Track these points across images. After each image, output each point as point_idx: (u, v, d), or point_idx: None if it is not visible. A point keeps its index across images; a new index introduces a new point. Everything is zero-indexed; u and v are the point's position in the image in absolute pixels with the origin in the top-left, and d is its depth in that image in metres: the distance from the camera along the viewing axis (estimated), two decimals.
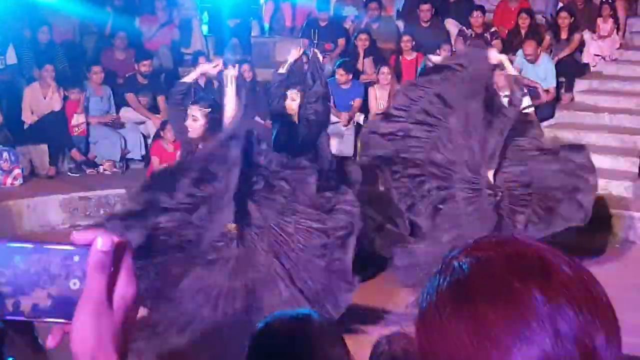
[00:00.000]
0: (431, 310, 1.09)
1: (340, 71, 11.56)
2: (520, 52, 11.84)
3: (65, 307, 1.10)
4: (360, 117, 11.67)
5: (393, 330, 2.35)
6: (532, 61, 11.68)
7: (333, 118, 11.42)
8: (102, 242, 1.10)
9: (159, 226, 6.29)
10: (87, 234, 1.12)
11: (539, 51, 11.78)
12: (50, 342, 1.13)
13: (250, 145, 6.28)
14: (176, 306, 6.28)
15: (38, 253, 1.11)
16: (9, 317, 1.11)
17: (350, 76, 11.65)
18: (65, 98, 11.00)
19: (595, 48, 12.51)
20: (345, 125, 11.44)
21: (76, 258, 1.11)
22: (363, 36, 12.59)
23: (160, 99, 11.65)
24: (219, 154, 6.25)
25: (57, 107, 10.92)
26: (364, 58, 12.55)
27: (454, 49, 12.36)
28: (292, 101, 8.21)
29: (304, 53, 12.06)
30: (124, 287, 1.12)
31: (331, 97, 11.62)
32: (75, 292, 1.10)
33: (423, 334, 1.09)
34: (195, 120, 6.69)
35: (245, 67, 11.59)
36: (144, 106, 11.59)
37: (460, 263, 1.10)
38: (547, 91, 11.65)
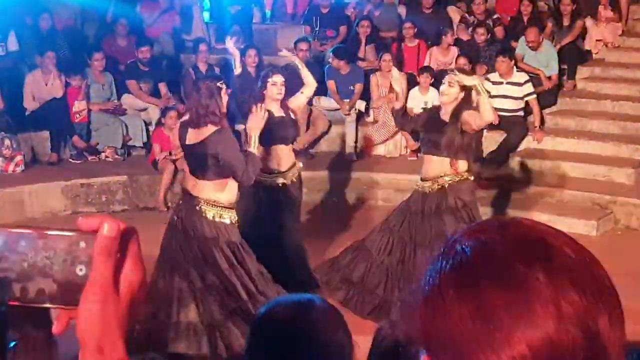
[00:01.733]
0: (434, 293, 1.09)
1: (332, 57, 11.56)
2: (522, 39, 11.82)
3: (71, 293, 1.10)
4: (361, 105, 11.66)
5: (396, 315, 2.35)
6: (534, 48, 11.66)
7: (334, 105, 11.43)
8: (108, 228, 1.10)
9: None
10: (93, 220, 1.11)
11: (541, 38, 11.76)
12: (56, 328, 1.13)
13: None
14: None
15: (44, 239, 1.11)
16: (15, 303, 1.11)
17: (342, 62, 11.62)
18: (66, 85, 10.99)
19: (597, 34, 12.48)
20: (347, 114, 11.42)
21: (82, 244, 1.11)
22: (365, 23, 12.56)
23: (162, 86, 11.63)
24: None
25: (58, 93, 10.91)
26: (365, 45, 12.52)
27: (455, 36, 12.35)
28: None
29: (306, 39, 12.08)
30: (130, 273, 1.12)
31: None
32: (81, 278, 1.10)
33: (426, 317, 1.09)
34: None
35: (251, 52, 11.57)
36: (145, 93, 11.57)
37: (463, 246, 1.10)
38: (549, 78, 11.63)
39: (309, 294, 2.40)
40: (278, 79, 7.20)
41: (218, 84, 6.30)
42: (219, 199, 6.32)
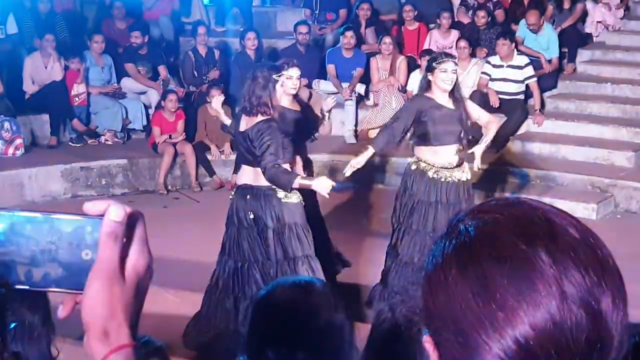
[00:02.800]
0: (437, 272, 1.09)
1: (349, 34, 11.51)
2: (522, 21, 11.79)
3: (76, 277, 1.10)
4: (361, 88, 11.64)
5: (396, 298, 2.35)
6: (535, 31, 11.63)
7: (334, 88, 11.40)
8: (115, 212, 1.10)
9: None
10: (100, 205, 1.11)
11: (541, 21, 11.72)
12: (61, 312, 1.13)
13: None
14: None
15: (49, 223, 1.11)
16: (20, 287, 1.11)
17: (355, 41, 11.62)
18: (66, 68, 10.97)
19: (599, 15, 12.44)
20: (347, 98, 11.40)
21: (88, 228, 1.10)
22: (365, 6, 12.53)
23: (161, 69, 11.61)
24: None
25: (57, 76, 10.89)
26: (365, 28, 12.50)
27: (456, 19, 12.31)
28: None
29: (306, 23, 12.06)
30: (136, 258, 1.11)
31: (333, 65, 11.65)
32: (87, 262, 1.10)
33: (429, 296, 1.09)
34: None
35: (251, 35, 11.55)
36: (143, 76, 11.54)
37: (467, 226, 1.10)
38: (549, 61, 11.61)
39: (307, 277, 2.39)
40: (294, 72, 6.71)
41: (275, 76, 6.26)
42: None
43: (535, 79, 11.12)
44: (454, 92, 6.67)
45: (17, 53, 11.38)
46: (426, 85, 6.70)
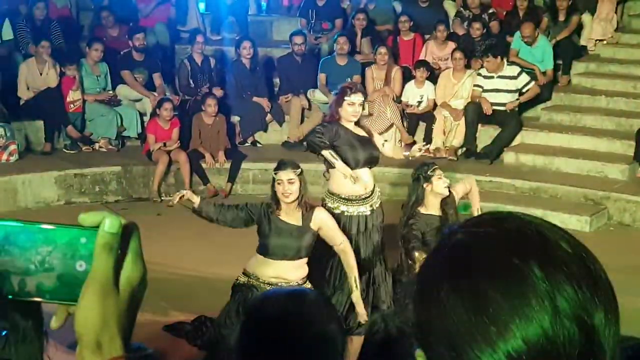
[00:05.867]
0: (430, 286, 1.09)
1: (342, 40, 11.52)
2: (517, 33, 11.82)
3: (70, 288, 1.10)
4: None
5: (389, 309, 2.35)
6: (530, 43, 11.66)
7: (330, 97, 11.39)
8: (109, 223, 1.09)
9: None
10: (95, 216, 1.11)
11: (536, 33, 11.76)
12: (54, 323, 1.13)
13: None
14: None
15: (44, 233, 1.10)
16: (14, 297, 1.10)
17: (349, 47, 11.64)
18: (61, 74, 10.96)
19: (598, 33, 12.46)
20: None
21: (83, 239, 1.10)
22: (360, 16, 12.55)
23: (156, 77, 11.61)
24: None
25: (53, 83, 10.88)
26: (361, 38, 12.51)
27: (451, 30, 12.34)
28: None
29: (301, 33, 12.07)
30: (130, 270, 1.11)
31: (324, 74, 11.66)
32: (81, 273, 1.10)
33: (422, 310, 1.09)
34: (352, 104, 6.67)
35: (246, 44, 11.56)
36: (140, 83, 11.54)
37: (460, 239, 1.10)
38: (544, 73, 11.64)
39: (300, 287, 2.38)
40: (357, 98, 6.67)
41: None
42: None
43: (533, 83, 11.15)
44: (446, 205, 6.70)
45: (12, 59, 11.37)
46: (422, 196, 6.66)
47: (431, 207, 6.64)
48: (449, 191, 6.68)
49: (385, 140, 7.84)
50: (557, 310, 1.02)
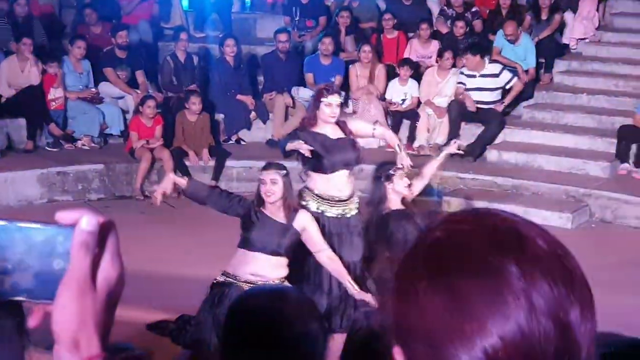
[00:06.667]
0: (407, 282, 1.09)
1: (327, 40, 11.53)
2: (500, 31, 11.86)
3: (47, 286, 1.09)
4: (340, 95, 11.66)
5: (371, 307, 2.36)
6: (513, 41, 11.70)
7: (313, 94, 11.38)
8: (87, 221, 1.09)
9: None
10: (72, 214, 1.10)
11: (519, 31, 11.80)
12: (31, 322, 1.12)
13: None
14: None
15: (21, 231, 1.09)
16: None
17: (333, 48, 11.64)
18: (43, 72, 10.91)
19: (579, 32, 12.51)
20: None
21: (60, 238, 1.09)
22: (345, 13, 12.56)
23: (139, 74, 11.58)
24: None
25: (35, 81, 10.83)
26: (345, 36, 12.52)
27: (435, 29, 12.37)
28: None
29: (286, 30, 12.06)
30: (108, 268, 1.10)
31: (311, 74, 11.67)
32: (58, 272, 1.09)
33: (397, 307, 1.10)
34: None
35: (230, 41, 11.55)
36: (122, 81, 11.51)
37: (436, 235, 1.11)
38: (526, 72, 11.68)
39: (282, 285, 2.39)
40: (334, 99, 6.60)
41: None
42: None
43: (516, 79, 11.19)
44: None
45: None
46: (385, 195, 6.65)
47: (394, 204, 6.72)
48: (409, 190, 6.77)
49: (376, 122, 7.80)
50: (533, 307, 1.03)
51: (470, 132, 11.08)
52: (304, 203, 6.52)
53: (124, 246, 1.15)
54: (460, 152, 7.94)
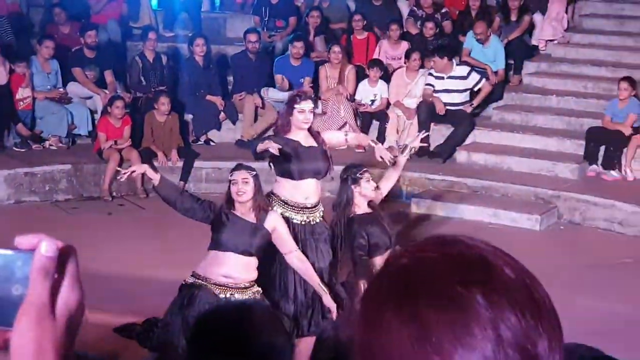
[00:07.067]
0: (373, 309, 1.07)
1: (298, 44, 11.51)
2: (470, 33, 11.89)
3: (6, 312, 1.07)
4: None
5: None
6: (482, 41, 11.73)
7: (283, 95, 11.35)
8: (46, 247, 1.07)
9: None
10: (31, 239, 1.09)
11: (488, 32, 11.84)
12: None
13: None
14: None
15: None
16: None
17: (304, 51, 11.63)
18: (10, 71, 10.80)
19: (548, 33, 12.58)
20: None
21: (19, 263, 1.08)
22: (315, 13, 12.54)
23: (107, 74, 11.49)
24: None
25: (2, 80, 10.71)
26: (314, 36, 12.50)
27: (404, 30, 12.38)
28: None
29: (255, 31, 12.02)
30: (68, 294, 1.09)
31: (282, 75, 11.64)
32: (17, 297, 1.07)
33: (364, 333, 1.08)
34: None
35: (199, 41, 11.50)
36: (91, 81, 11.42)
37: (403, 263, 1.09)
38: (495, 73, 11.72)
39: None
40: (307, 105, 6.55)
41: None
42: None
43: (484, 80, 11.22)
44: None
45: None
46: (351, 197, 6.63)
47: (361, 207, 6.73)
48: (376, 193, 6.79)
49: (345, 124, 7.76)
50: (500, 340, 1.01)
51: (440, 133, 11.10)
52: (270, 208, 6.50)
53: (91, 247, 1.13)
54: (425, 144, 7.94)
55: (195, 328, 2.30)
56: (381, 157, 6.94)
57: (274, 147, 6.31)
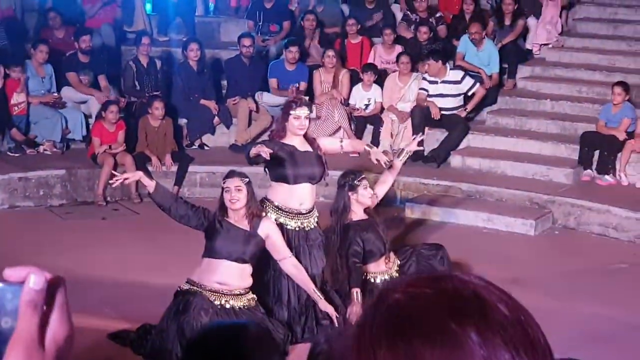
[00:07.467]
0: (366, 345, 1.07)
1: (293, 49, 11.51)
2: (464, 37, 11.89)
3: None
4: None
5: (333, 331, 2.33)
6: (476, 42, 11.73)
7: (277, 101, 11.35)
8: (34, 279, 1.07)
9: None
10: (20, 271, 1.08)
11: (483, 33, 11.84)
12: None
13: None
14: None
15: None
16: None
17: (300, 56, 11.64)
18: (5, 76, 10.78)
19: (542, 37, 12.59)
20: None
21: (8, 295, 1.07)
22: (310, 17, 12.55)
23: (101, 79, 11.48)
24: None
25: None
26: (311, 40, 12.50)
27: (397, 34, 12.38)
28: None
29: (250, 35, 12.02)
30: (57, 326, 1.09)
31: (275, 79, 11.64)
32: (6, 330, 1.06)
33: None
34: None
35: (193, 45, 11.49)
36: (85, 85, 11.40)
37: (397, 298, 1.08)
38: (490, 77, 11.72)
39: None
40: (302, 112, 6.56)
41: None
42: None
43: (478, 85, 11.23)
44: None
45: None
46: (348, 204, 6.70)
47: (358, 213, 6.73)
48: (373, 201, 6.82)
49: (339, 128, 7.68)
50: None
51: (434, 137, 11.10)
52: (263, 214, 6.50)
53: (85, 252, 1.12)
54: (421, 148, 7.95)
55: (190, 346, 2.29)
56: (377, 160, 6.97)
57: (265, 152, 6.32)
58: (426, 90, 11.13)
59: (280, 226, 6.50)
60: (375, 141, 11.13)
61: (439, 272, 1.12)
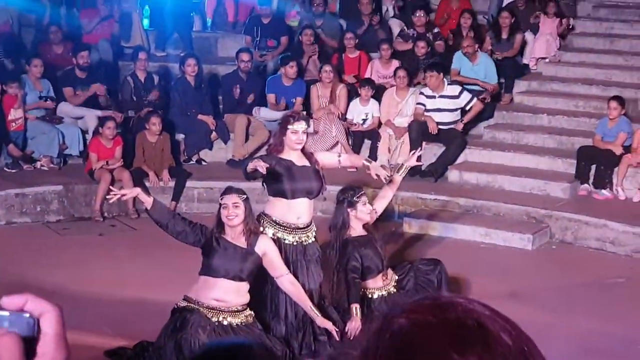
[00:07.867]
0: None
1: (292, 64, 11.54)
2: (457, 53, 11.92)
3: None
4: None
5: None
6: (469, 55, 11.75)
7: (274, 116, 11.35)
8: (31, 308, 1.08)
9: None
10: (18, 299, 1.09)
11: (476, 47, 11.85)
12: None
13: None
14: None
15: None
16: None
17: (298, 71, 11.66)
18: (2, 92, 10.78)
19: (540, 51, 12.62)
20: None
21: (5, 324, 1.08)
22: (308, 31, 12.56)
23: (100, 88, 11.46)
24: None
25: None
26: (310, 56, 12.51)
27: (394, 49, 12.40)
28: None
29: (248, 50, 12.04)
30: (54, 354, 1.09)
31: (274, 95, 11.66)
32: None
33: None
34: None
35: (191, 61, 11.50)
36: (82, 100, 11.40)
37: (401, 325, 1.08)
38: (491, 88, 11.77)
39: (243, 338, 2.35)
40: (300, 126, 6.55)
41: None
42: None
43: (475, 100, 11.24)
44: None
45: None
46: (347, 220, 6.72)
47: (356, 229, 6.74)
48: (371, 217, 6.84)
49: (337, 143, 7.67)
50: None
51: (432, 152, 11.10)
52: (260, 229, 6.49)
53: (82, 268, 1.13)
54: (420, 163, 7.95)
55: None
56: (377, 175, 6.98)
57: (261, 166, 6.31)
58: (424, 105, 11.14)
59: (278, 240, 6.49)
60: (373, 156, 11.13)
61: (443, 298, 1.11)
